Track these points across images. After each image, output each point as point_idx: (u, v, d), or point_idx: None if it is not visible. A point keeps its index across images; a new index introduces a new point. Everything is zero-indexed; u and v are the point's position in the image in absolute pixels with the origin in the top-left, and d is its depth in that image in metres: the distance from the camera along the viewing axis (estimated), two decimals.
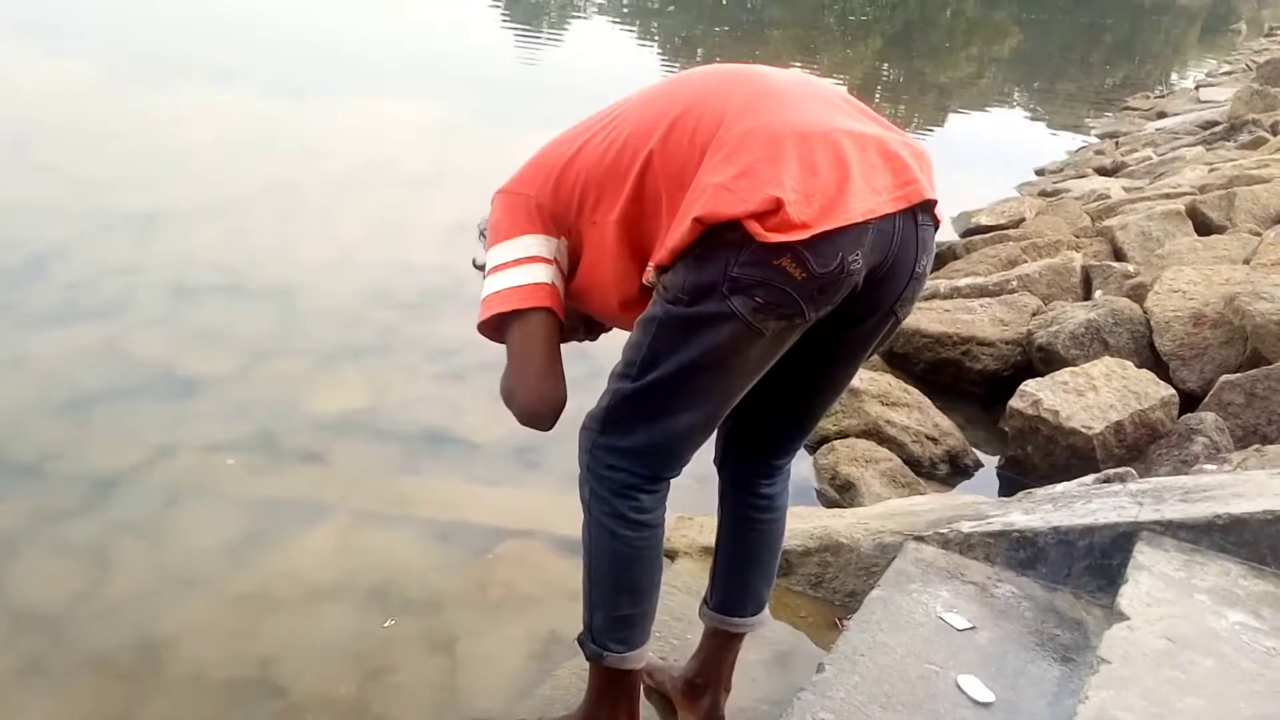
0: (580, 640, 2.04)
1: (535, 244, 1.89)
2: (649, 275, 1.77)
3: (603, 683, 2.08)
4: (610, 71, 12.43)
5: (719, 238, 1.65)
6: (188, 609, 2.83)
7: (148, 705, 2.51)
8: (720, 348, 1.72)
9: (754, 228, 1.60)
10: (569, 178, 1.88)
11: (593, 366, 2.57)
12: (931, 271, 6.10)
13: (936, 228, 1.83)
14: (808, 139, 1.67)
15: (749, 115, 1.71)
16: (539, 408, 1.91)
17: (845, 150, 1.67)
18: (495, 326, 1.92)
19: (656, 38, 18.06)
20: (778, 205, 1.59)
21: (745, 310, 1.67)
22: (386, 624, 2.83)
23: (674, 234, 1.70)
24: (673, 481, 1.93)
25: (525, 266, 1.88)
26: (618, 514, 1.88)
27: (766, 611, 2.23)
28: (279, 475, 3.50)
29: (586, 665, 2.10)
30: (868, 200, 1.66)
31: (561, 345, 1.97)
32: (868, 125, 1.77)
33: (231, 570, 3.01)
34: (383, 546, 3.19)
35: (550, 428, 1.95)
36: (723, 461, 2.14)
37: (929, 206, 1.77)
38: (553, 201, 1.89)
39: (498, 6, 18.53)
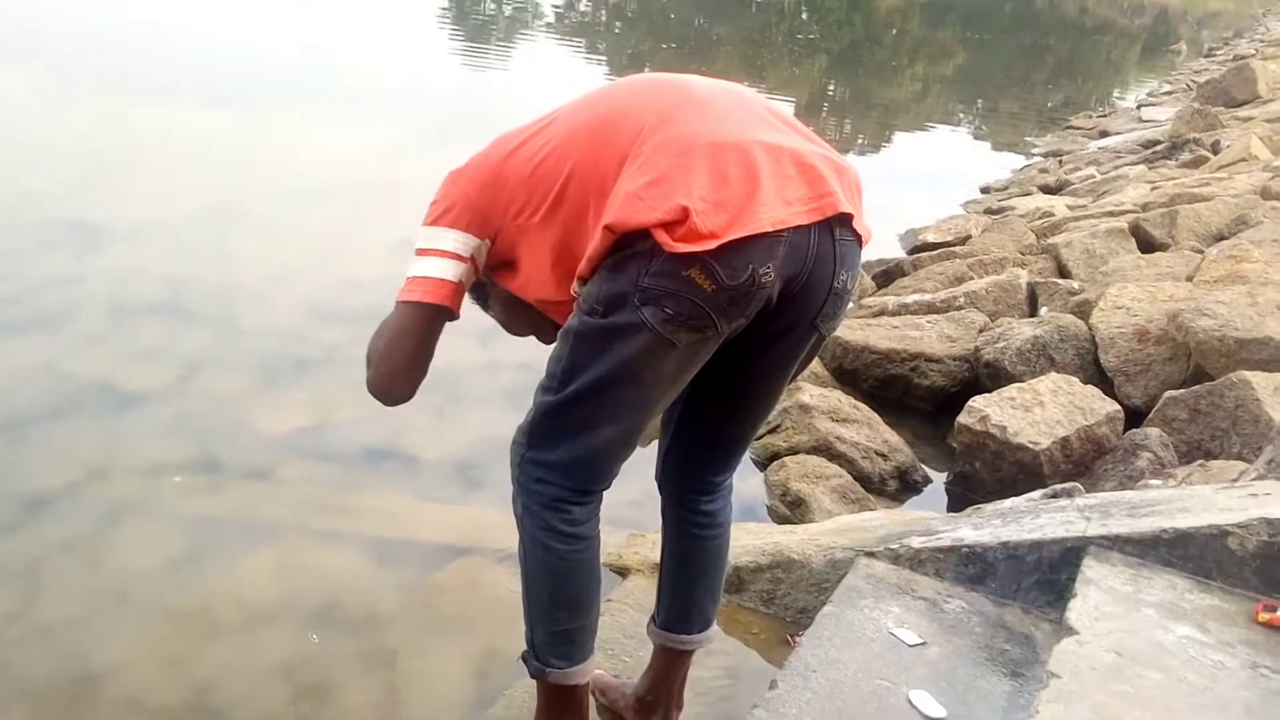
0: (524, 657, 2.01)
1: (455, 240, 1.90)
2: (575, 288, 1.78)
3: (549, 699, 2.05)
4: (558, 88, 12.40)
5: (631, 247, 1.65)
6: (124, 631, 2.77)
7: None
8: (633, 359, 1.71)
9: (662, 237, 1.61)
10: (500, 180, 1.88)
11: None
12: (879, 289, 6.04)
13: (861, 244, 1.81)
14: (720, 149, 1.67)
15: (667, 125, 1.71)
16: (385, 392, 2.04)
17: (757, 160, 1.67)
18: None
19: (604, 55, 18.07)
20: (685, 214, 1.59)
21: (655, 321, 1.66)
22: (313, 639, 2.79)
23: (591, 243, 1.70)
24: (625, 498, 1.91)
25: (439, 259, 1.90)
26: (549, 527, 1.86)
27: (715, 628, 2.21)
28: (220, 494, 3.44)
29: None
30: (778, 211, 1.65)
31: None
32: (787, 137, 1.76)
33: (170, 591, 2.95)
34: (327, 565, 3.14)
35: (389, 406, 2.07)
36: (662, 479, 2.13)
37: (847, 220, 1.75)
38: (483, 201, 1.89)
39: (446, 24, 18.48)
